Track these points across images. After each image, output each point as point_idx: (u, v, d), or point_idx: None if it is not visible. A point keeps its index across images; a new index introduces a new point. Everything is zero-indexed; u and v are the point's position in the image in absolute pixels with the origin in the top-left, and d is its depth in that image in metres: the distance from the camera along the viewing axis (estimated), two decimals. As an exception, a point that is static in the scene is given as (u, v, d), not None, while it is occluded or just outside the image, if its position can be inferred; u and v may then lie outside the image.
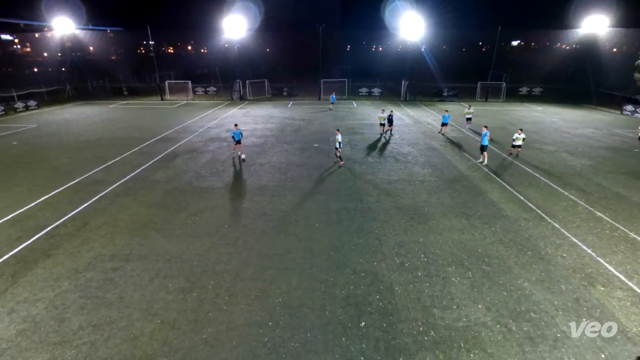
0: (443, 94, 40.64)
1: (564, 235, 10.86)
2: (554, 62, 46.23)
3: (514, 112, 33.01)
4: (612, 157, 18.84)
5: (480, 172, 16.39)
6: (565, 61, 44.95)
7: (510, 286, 8.52)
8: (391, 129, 23.11)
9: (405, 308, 7.77)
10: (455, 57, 64.08)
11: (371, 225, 11.38)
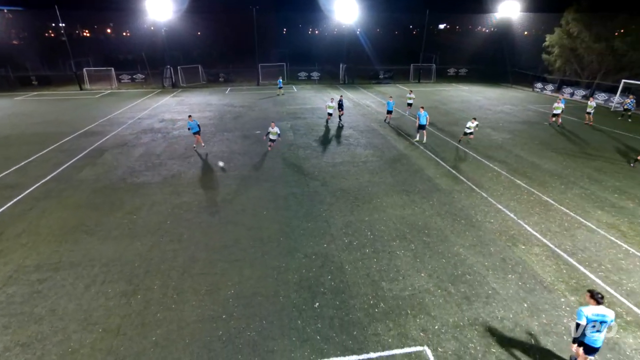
0: (379, 76, 41.95)
1: (491, 203, 12.05)
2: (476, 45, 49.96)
3: (444, 92, 35.25)
4: (527, 130, 21.13)
5: (417, 150, 17.38)
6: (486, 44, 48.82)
7: (448, 253, 9.30)
8: (342, 113, 22.69)
9: (356, 284, 8.11)
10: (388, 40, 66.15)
11: (319, 209, 11.58)
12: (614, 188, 13.22)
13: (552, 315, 7.30)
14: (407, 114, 25.00)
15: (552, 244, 9.74)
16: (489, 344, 6.59)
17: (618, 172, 14.80)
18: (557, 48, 34.74)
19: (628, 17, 30.54)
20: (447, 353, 6.38)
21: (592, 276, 8.46)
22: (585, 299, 5.67)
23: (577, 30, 32.42)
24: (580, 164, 15.58)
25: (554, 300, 7.72)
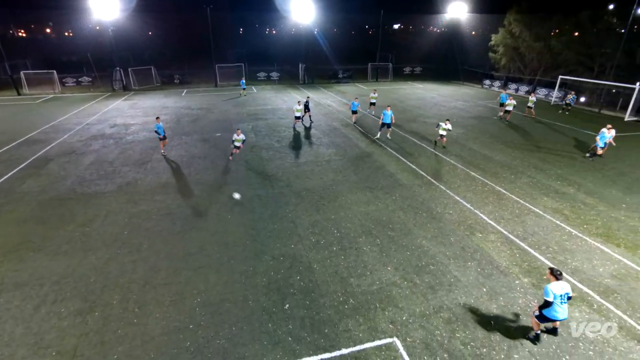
0: (339, 75, 42.45)
1: (449, 195, 12.63)
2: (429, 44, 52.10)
3: (401, 90, 36.39)
4: (479, 125, 22.37)
5: (379, 148, 17.80)
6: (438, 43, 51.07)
7: (412, 246, 9.62)
8: (309, 114, 22.36)
9: (325, 283, 8.16)
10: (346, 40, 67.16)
11: (284, 210, 11.51)
12: (557, 176, 14.36)
13: (509, 297, 7.79)
14: (371, 114, 24.87)
15: (506, 230, 10.39)
16: (453, 329, 6.91)
17: (559, 161, 16.10)
18: (501, 47, 37.11)
19: (562, 18, 33.29)
20: (416, 342, 6.61)
21: (541, 258, 9.13)
22: (547, 276, 6.27)
23: (518, 30, 34.83)
24: (526, 155, 16.76)
25: (510, 283, 8.24)
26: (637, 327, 7.00)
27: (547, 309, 6.11)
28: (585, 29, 31.72)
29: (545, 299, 6.05)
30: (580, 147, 18.08)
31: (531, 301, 7.64)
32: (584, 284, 8.20)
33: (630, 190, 13.14)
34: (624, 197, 12.58)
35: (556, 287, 6.03)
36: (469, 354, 6.37)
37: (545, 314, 6.20)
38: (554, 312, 6.10)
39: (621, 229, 10.54)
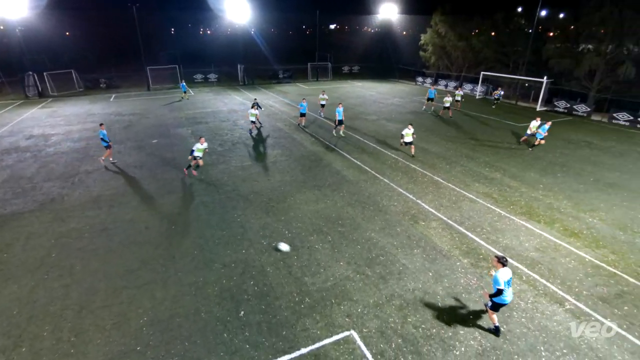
0: (279, 76, 42.26)
1: (393, 187, 13.23)
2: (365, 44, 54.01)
3: (341, 89, 37.27)
4: (415, 120, 23.70)
5: (323, 146, 18.05)
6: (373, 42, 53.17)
7: (362, 239, 9.92)
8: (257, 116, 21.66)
9: (279, 285, 8.10)
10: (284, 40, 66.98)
11: (232, 215, 11.20)
12: (485, 163, 15.75)
13: (452, 278, 8.39)
14: (321, 115, 24.12)
15: (445, 216, 11.16)
16: (405, 315, 7.26)
17: (487, 149, 17.68)
18: (430, 46, 39.69)
19: (480, 19, 36.50)
20: (371, 332, 6.84)
21: (477, 239, 9.96)
22: (494, 264, 6.51)
23: (444, 30, 37.51)
24: (459, 146, 18.14)
25: (452, 265, 8.88)
26: (558, 292, 7.95)
27: (499, 296, 6.36)
28: (500, 29, 35.14)
29: (497, 288, 6.26)
30: (502, 137, 20.01)
31: (471, 280, 8.31)
32: (514, 259, 9.10)
33: (545, 172, 14.85)
34: (540, 179, 14.18)
35: (504, 274, 6.30)
36: (421, 336, 6.74)
37: (496, 302, 6.47)
38: (504, 297, 6.39)
39: (540, 206, 11.88)
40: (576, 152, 17.51)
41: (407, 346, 6.53)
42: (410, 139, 16.07)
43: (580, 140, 19.66)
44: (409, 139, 16.06)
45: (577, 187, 13.50)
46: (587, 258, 9.18)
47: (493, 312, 6.74)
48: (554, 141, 19.17)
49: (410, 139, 16.05)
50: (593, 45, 27.06)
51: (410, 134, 16.00)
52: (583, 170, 15.23)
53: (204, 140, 13.74)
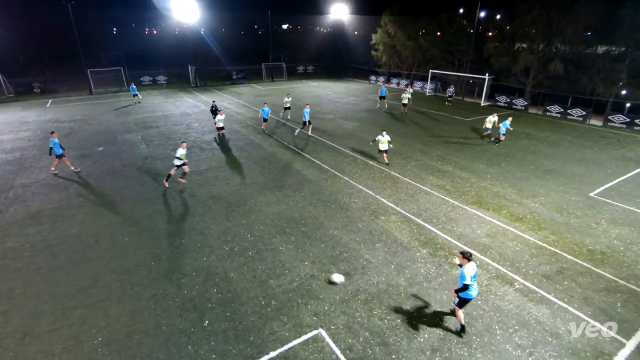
0: (233, 77, 41.33)
1: (353, 185, 13.48)
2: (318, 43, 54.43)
3: (297, 89, 37.26)
4: (370, 117, 24.32)
5: (282, 147, 17.95)
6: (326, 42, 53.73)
7: (325, 237, 10.01)
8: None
9: (244, 290, 7.94)
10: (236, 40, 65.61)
11: (191, 222, 10.79)
12: (438, 157, 16.54)
13: (413, 268, 8.73)
14: (287, 118, 23.30)
15: (404, 210, 11.58)
16: (371, 308, 7.44)
17: (439, 144, 18.58)
18: (381, 45, 40.87)
19: (426, 20, 38.20)
20: (339, 328, 6.93)
21: (434, 230, 10.44)
22: (460, 260, 6.58)
23: (393, 30, 38.81)
24: (412, 141, 18.89)
25: (412, 256, 9.23)
26: (508, 274, 8.56)
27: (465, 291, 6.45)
28: (444, 29, 37.03)
29: (463, 283, 6.35)
30: (452, 131, 21.13)
31: (430, 268, 8.69)
32: (468, 245, 9.66)
33: (491, 163, 15.90)
34: (487, 169, 15.17)
35: (470, 269, 6.40)
36: (387, 327, 6.94)
37: (462, 297, 6.56)
38: (470, 292, 6.47)
39: (488, 195, 12.71)
40: (517, 143, 18.94)
41: (374, 338, 6.70)
42: (386, 147, 15.14)
43: (520, 132, 21.28)
44: (384, 147, 15.12)
45: (519, 175, 14.61)
46: (531, 240, 9.98)
47: (459, 309, 6.75)
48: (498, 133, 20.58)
49: (386, 146, 15.12)
50: (526, 44, 29.39)
51: (386, 142, 15.06)
52: (524, 159, 16.51)
53: (185, 145, 13.27)
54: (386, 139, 15.05)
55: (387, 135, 15.13)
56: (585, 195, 12.88)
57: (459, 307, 6.77)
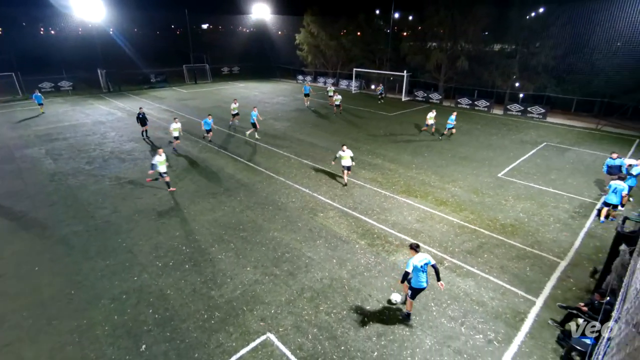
0: (152, 80, 38.48)
1: (289, 184, 13.49)
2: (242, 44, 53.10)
3: (224, 91, 36.07)
4: (301, 116, 24.55)
5: (212, 152, 17.23)
6: (250, 42, 52.64)
7: (266, 240, 9.88)
8: (146, 129, 19.00)
9: (184, 306, 7.49)
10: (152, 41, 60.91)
11: (116, 240, 9.84)
12: (368, 151, 17.34)
13: (354, 260, 9.05)
14: (236, 124, 21.82)
15: (340, 205, 11.93)
16: (317, 304, 7.55)
17: (367, 138, 19.47)
18: (306, 45, 41.37)
19: (347, 20, 39.60)
20: (288, 329, 6.90)
21: (370, 221, 10.93)
22: (410, 252, 6.83)
23: (316, 30, 39.54)
24: (342, 138, 19.50)
25: (352, 248, 9.56)
26: (439, 254, 9.33)
27: (415, 281, 6.74)
28: (364, 29, 38.75)
29: (405, 270, 6.65)
30: (378, 126, 22.30)
31: (369, 258, 9.09)
32: (402, 232, 10.30)
33: (416, 153, 17.14)
34: (413, 159, 16.32)
35: (416, 259, 6.67)
36: (334, 321, 7.11)
37: (414, 286, 6.83)
38: (419, 281, 6.77)
39: (415, 184, 13.69)
40: (436, 134, 20.67)
41: (322, 334, 6.81)
42: (349, 163, 13.17)
43: (438, 123, 23.23)
44: (347, 163, 13.16)
45: (440, 163, 15.98)
46: (454, 221, 10.99)
47: (412, 300, 7.03)
48: (419, 126, 22.25)
49: (349, 162, 13.15)
50: (436, 43, 32.15)
51: (348, 157, 13.06)
52: (442, 148, 18.09)
53: (162, 152, 12.55)
54: (348, 154, 13.05)
55: (349, 150, 13.19)
56: (495, 176, 14.57)
57: (412, 299, 7.01)
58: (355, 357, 6.33)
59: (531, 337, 6.81)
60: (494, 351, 6.51)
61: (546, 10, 25.74)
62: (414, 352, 6.46)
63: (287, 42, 46.03)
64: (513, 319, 7.25)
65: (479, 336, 6.82)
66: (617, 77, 23.40)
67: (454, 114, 19.55)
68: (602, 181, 13.67)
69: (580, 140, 19.90)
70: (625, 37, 22.51)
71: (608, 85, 23.85)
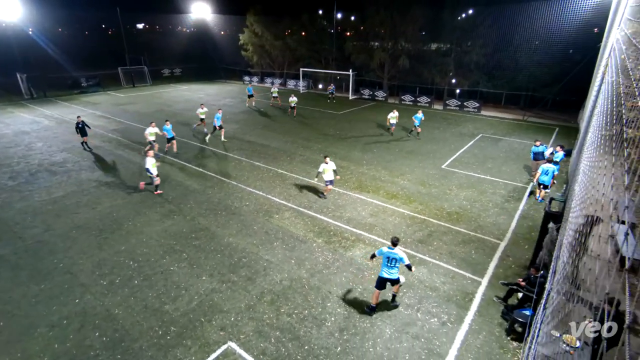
0: (82, 84, 35.40)
1: (242, 188, 13.20)
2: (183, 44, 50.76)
3: (165, 94, 34.29)
4: (249, 118, 24.11)
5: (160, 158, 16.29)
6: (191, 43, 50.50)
7: (221, 247, 9.57)
8: (86, 140, 17.24)
9: (135, 324, 7.01)
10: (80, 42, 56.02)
11: (51, 261, 8.94)
12: (319, 150, 17.50)
13: (312, 259, 9.09)
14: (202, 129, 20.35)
15: (295, 205, 11.91)
16: (278, 307, 7.48)
17: (318, 137, 19.65)
18: (250, 45, 40.71)
19: (291, 20, 39.57)
20: (249, 335, 6.76)
21: (325, 219, 11.06)
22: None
23: (260, 30, 39.04)
24: (294, 138, 19.51)
25: (309, 247, 9.60)
26: (392, 245, 9.70)
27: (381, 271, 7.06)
28: (308, 29, 39.02)
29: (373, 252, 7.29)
30: (328, 125, 22.60)
31: (327, 255, 9.20)
32: (357, 227, 10.55)
33: (365, 150, 17.64)
34: (363, 156, 16.77)
35: (386, 248, 7.00)
36: (296, 321, 7.09)
37: (379, 276, 7.07)
38: (381, 271, 7.04)
39: (367, 179, 14.09)
40: (383, 130, 21.44)
41: (285, 335, 6.76)
42: (331, 177, 12.08)
43: (384, 120, 24.12)
44: (330, 177, 12.08)
45: (389, 158, 16.61)
46: (405, 213, 11.49)
47: (378, 291, 7.21)
48: (366, 123, 22.94)
49: (331, 176, 12.07)
50: (379, 43, 33.32)
51: (331, 170, 11.98)
52: (390, 143, 18.82)
53: (151, 153, 12.24)
54: (331, 167, 11.98)
55: (332, 162, 12.12)
56: (439, 168, 15.47)
57: (378, 289, 7.20)
58: (319, 355, 6.37)
59: (480, 315, 7.35)
60: (448, 332, 6.92)
61: (475, 12, 27.86)
62: (375, 342, 6.66)
63: (231, 43, 44.88)
64: (463, 300, 7.77)
65: (434, 319, 7.21)
66: (537, 72, 26.08)
67: (420, 112, 19.22)
68: (530, 167, 15.11)
69: (511, 131, 21.81)
70: (541, 37, 25.13)
71: (530, 80, 26.46)
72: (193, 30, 53.74)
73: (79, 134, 17.00)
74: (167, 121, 16.78)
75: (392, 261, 6.96)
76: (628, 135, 3.07)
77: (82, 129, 16.92)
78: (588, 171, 5.86)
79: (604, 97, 6.72)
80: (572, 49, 25.07)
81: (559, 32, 23.89)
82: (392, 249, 6.98)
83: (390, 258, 6.96)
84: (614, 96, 5.17)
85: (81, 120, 17.01)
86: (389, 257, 6.99)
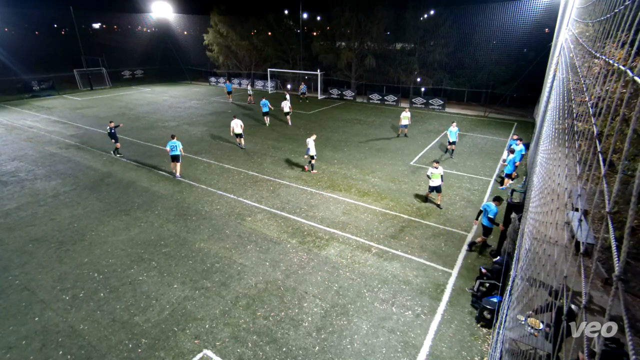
0: (34, 88, 33.20)
1: (212, 192, 12.90)
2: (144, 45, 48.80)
3: (127, 97, 32.86)
4: (218, 120, 23.60)
5: (120, 164, 15.60)
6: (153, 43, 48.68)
7: (192, 253, 9.31)
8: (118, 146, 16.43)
9: (103, 339, 6.68)
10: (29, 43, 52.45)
11: (5, 278, 8.33)
12: (290, 150, 17.43)
13: (286, 260, 9.04)
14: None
15: (268, 207, 11.80)
16: (254, 311, 7.38)
17: (288, 138, 19.56)
18: (215, 46, 39.80)
19: (256, 20, 39.10)
20: (225, 342, 6.62)
21: (299, 219, 11.03)
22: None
23: (225, 30, 38.28)
24: (264, 139, 19.31)
25: (284, 248, 9.55)
26: (366, 242, 9.84)
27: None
28: (274, 29, 38.73)
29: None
30: (297, 125, 22.54)
31: (302, 256, 9.19)
32: (330, 226, 10.61)
33: (335, 149, 17.77)
34: (334, 155, 16.89)
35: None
36: (272, 324, 7.03)
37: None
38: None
39: (338, 178, 14.20)
40: (352, 129, 21.69)
41: (262, 339, 6.69)
42: (438, 182, 11.47)
43: (353, 118, 24.43)
44: (436, 182, 11.47)
45: (359, 156, 16.83)
46: (377, 209, 11.69)
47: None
48: (336, 122, 23.11)
49: (438, 182, 11.48)
50: (345, 43, 33.66)
51: (439, 175, 11.37)
52: (360, 142, 19.08)
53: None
54: (439, 172, 11.34)
55: (441, 167, 11.55)
56: (408, 164, 15.87)
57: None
58: (297, 356, 6.35)
59: (451, 305, 7.61)
60: (422, 323, 7.12)
61: (436, 12, 28.81)
62: (352, 339, 6.73)
63: (196, 43, 43.65)
64: (435, 291, 8.02)
65: (408, 312, 7.40)
66: (495, 70, 27.40)
67: (454, 124, 16.38)
68: (495, 162, 15.82)
69: (474, 127, 22.75)
70: (498, 37, 26.42)
71: (490, 78, 27.74)
72: (154, 30, 51.85)
73: (113, 140, 16.28)
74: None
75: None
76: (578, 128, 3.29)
77: (114, 135, 16.18)
78: (545, 163, 6.23)
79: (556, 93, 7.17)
80: (526, 48, 26.61)
81: (514, 32, 25.26)
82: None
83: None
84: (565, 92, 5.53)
85: (114, 126, 16.20)
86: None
